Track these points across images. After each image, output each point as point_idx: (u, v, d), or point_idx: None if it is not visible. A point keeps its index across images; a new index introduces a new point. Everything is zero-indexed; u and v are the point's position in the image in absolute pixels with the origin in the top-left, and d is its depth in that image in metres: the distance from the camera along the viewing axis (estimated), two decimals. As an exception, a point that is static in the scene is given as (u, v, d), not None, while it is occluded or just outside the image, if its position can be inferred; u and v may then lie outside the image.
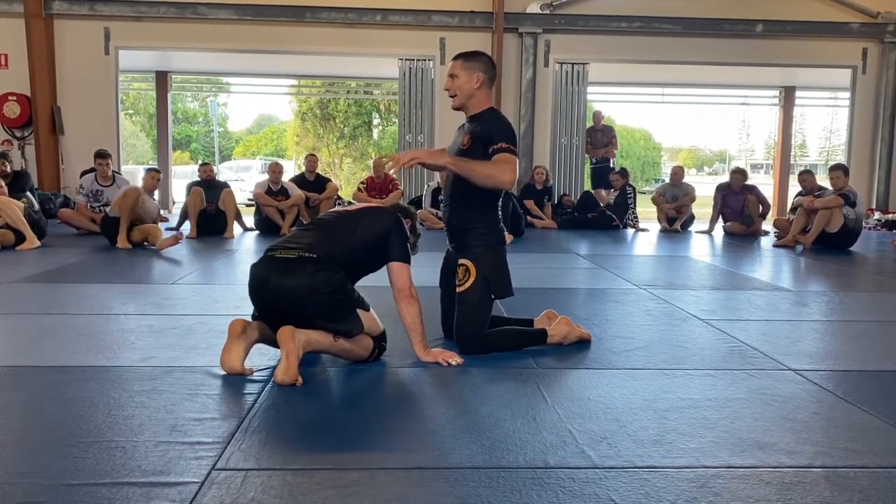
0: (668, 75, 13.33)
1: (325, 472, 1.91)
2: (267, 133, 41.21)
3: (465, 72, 3.04)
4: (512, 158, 2.95)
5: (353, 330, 2.77)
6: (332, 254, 2.78)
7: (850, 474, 1.93)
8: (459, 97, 3.08)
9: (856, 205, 7.60)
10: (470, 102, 3.08)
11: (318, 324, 2.73)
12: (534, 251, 7.15)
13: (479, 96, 3.07)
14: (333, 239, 2.85)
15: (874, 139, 11.46)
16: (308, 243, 2.80)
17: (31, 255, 6.19)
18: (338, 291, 2.74)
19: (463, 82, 3.04)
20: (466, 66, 3.04)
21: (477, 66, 3.05)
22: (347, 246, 2.83)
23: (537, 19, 10.80)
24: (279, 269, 2.73)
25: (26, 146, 10.40)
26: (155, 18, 10.35)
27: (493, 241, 3.12)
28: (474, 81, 3.04)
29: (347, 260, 2.82)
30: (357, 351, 2.82)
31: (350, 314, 2.77)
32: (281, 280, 2.70)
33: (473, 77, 3.03)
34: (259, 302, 2.82)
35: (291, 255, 2.75)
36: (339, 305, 2.76)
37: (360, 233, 2.88)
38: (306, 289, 2.67)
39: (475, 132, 3.04)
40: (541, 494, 1.78)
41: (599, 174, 11.47)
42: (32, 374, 2.73)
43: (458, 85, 3.05)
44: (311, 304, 2.69)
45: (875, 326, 3.90)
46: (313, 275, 2.69)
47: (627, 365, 2.98)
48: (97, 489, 1.77)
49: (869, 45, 11.27)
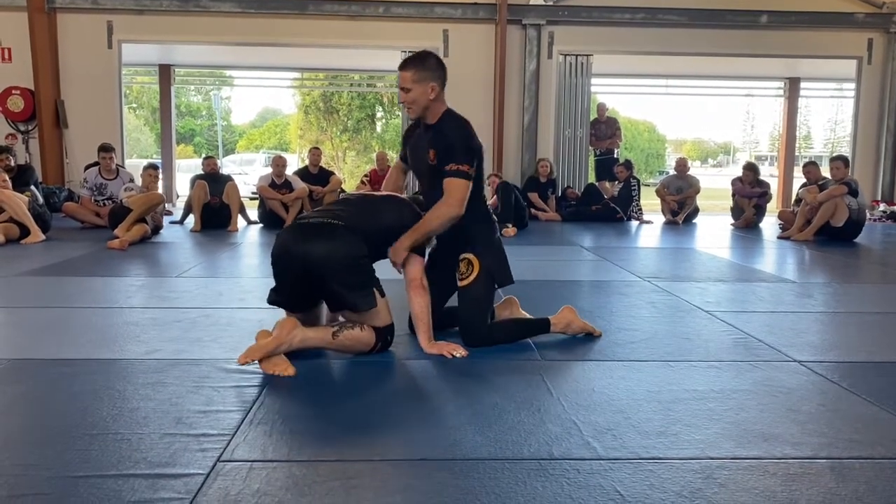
0: (673, 67, 13.27)
1: (330, 464, 1.92)
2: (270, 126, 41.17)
3: (418, 84, 2.97)
4: (460, 184, 2.91)
5: (365, 304, 2.78)
6: (358, 225, 2.83)
7: (855, 465, 1.93)
8: (416, 109, 3.03)
9: (857, 193, 7.58)
10: (428, 112, 3.05)
11: (334, 288, 2.75)
12: (538, 244, 7.14)
13: (436, 106, 3.03)
14: (360, 215, 2.90)
15: (879, 130, 11.41)
16: (337, 213, 2.87)
17: (35, 248, 6.21)
18: (358, 259, 2.79)
19: (417, 95, 2.98)
20: (417, 78, 2.96)
21: (427, 74, 2.97)
22: (371, 226, 2.88)
23: (541, 11, 10.76)
24: (304, 233, 2.79)
25: (30, 140, 10.40)
26: (157, 12, 10.33)
27: (487, 231, 3.13)
28: (429, 92, 2.98)
29: (370, 238, 2.85)
30: (357, 347, 2.82)
31: (367, 287, 2.79)
32: (305, 243, 2.74)
33: (427, 88, 2.97)
34: (282, 270, 2.84)
35: (320, 219, 2.82)
36: (359, 274, 2.79)
37: (384, 218, 2.94)
38: (331, 248, 2.72)
39: (438, 146, 3.00)
40: (546, 486, 1.78)
41: (603, 166, 11.43)
42: (38, 367, 2.74)
43: (413, 98, 2.98)
44: (332, 264, 2.72)
45: (880, 318, 3.89)
46: (339, 238, 2.74)
47: (632, 357, 2.97)
48: (103, 481, 1.77)
49: (874, 36, 11.19)
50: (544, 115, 11.00)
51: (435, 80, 2.99)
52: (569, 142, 11.21)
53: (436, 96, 3.00)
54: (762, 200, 9.44)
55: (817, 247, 7.06)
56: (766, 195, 9.52)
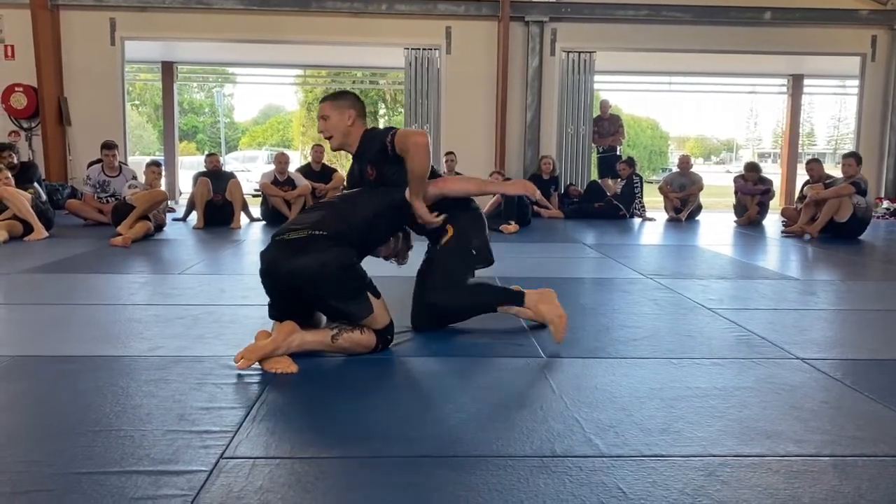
0: (676, 64, 13.24)
1: (333, 461, 1.92)
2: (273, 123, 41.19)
3: (336, 111, 3.10)
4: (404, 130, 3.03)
5: (362, 313, 2.76)
6: (340, 230, 2.80)
7: (858, 463, 1.93)
8: (336, 137, 3.13)
9: (866, 193, 7.55)
10: (348, 140, 3.14)
11: (329, 303, 2.74)
12: (540, 241, 7.14)
13: (355, 132, 3.13)
14: (339, 216, 2.88)
15: (883, 127, 11.37)
16: (315, 221, 2.82)
17: (38, 245, 6.22)
18: (349, 269, 2.76)
19: (336, 122, 3.10)
20: (336, 106, 3.11)
21: (345, 104, 3.12)
22: (352, 224, 2.86)
23: (543, 7, 10.74)
24: (290, 250, 2.73)
25: (33, 137, 10.41)
26: (160, 9, 10.33)
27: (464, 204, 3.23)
28: (346, 119, 3.10)
29: (355, 236, 2.84)
30: (357, 350, 2.82)
31: (360, 294, 2.77)
32: (292, 261, 2.70)
33: (345, 115, 3.09)
34: (271, 288, 2.82)
35: (301, 234, 2.76)
36: (351, 283, 2.76)
37: (361, 210, 2.94)
38: (318, 264, 2.67)
39: (371, 158, 3.07)
40: (548, 483, 1.78)
41: (606, 163, 11.42)
42: (41, 364, 2.75)
43: (332, 125, 3.11)
44: (322, 280, 2.69)
45: (883, 315, 3.88)
46: (325, 251, 2.70)
47: (634, 354, 2.97)
48: (106, 477, 1.78)
49: (878, 33, 11.16)
50: (547, 112, 10.99)
51: (352, 108, 3.12)
52: (571, 139, 11.20)
53: (353, 122, 3.11)
54: (765, 198, 9.43)
55: (821, 244, 7.04)
56: (768, 192, 9.51)
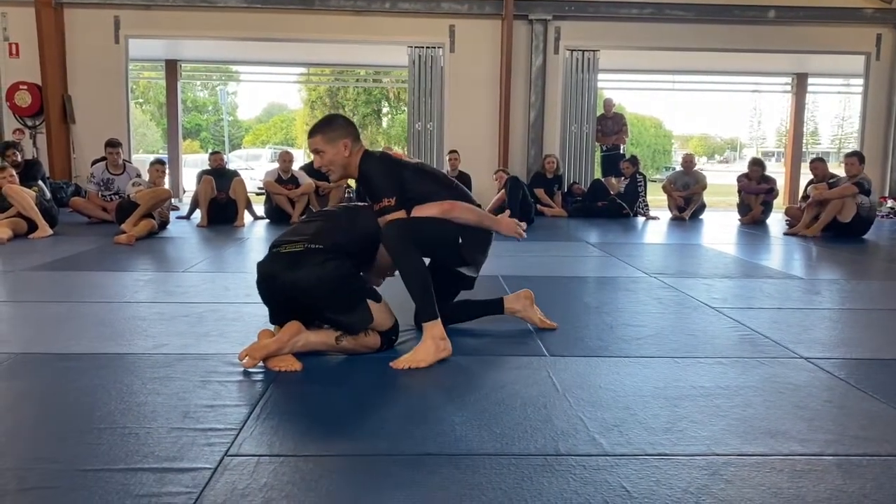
0: (680, 62, 13.22)
1: (337, 459, 1.93)
2: (276, 122, 41.25)
3: (330, 145, 2.90)
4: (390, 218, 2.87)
5: (362, 323, 2.76)
6: (337, 242, 2.79)
7: (862, 462, 1.93)
8: (336, 171, 2.97)
9: (870, 193, 7.53)
10: (348, 171, 3.00)
11: (327, 316, 2.74)
12: (544, 240, 7.13)
13: (353, 160, 2.96)
14: (337, 228, 2.87)
15: (887, 126, 11.34)
16: (313, 234, 2.81)
17: (43, 243, 6.23)
18: (346, 280, 2.75)
19: (332, 156, 2.92)
20: (328, 140, 2.91)
21: (336, 134, 2.92)
22: (351, 237, 2.85)
23: (547, 6, 10.72)
24: (287, 263, 2.73)
25: (37, 135, 10.42)
26: (164, 7, 10.34)
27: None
28: (342, 150, 2.91)
29: (354, 248, 2.83)
30: (361, 351, 2.82)
31: (359, 305, 2.76)
32: (290, 274, 2.70)
33: (339, 146, 2.91)
34: (269, 299, 2.84)
35: (298, 247, 2.75)
36: (348, 296, 2.75)
37: (362, 225, 2.89)
38: (315, 279, 2.67)
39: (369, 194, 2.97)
40: (552, 481, 1.79)
41: (610, 162, 11.40)
42: (46, 362, 2.75)
43: (329, 160, 2.94)
44: (320, 294, 2.69)
45: (887, 315, 3.88)
46: (321, 264, 2.69)
47: (638, 353, 2.97)
48: (111, 475, 1.78)
49: (883, 31, 11.12)
50: (550, 110, 10.97)
51: (346, 136, 2.93)
52: (575, 137, 11.18)
53: (349, 152, 2.93)
54: (769, 197, 9.43)
55: (824, 243, 7.03)
56: (772, 191, 9.51)
